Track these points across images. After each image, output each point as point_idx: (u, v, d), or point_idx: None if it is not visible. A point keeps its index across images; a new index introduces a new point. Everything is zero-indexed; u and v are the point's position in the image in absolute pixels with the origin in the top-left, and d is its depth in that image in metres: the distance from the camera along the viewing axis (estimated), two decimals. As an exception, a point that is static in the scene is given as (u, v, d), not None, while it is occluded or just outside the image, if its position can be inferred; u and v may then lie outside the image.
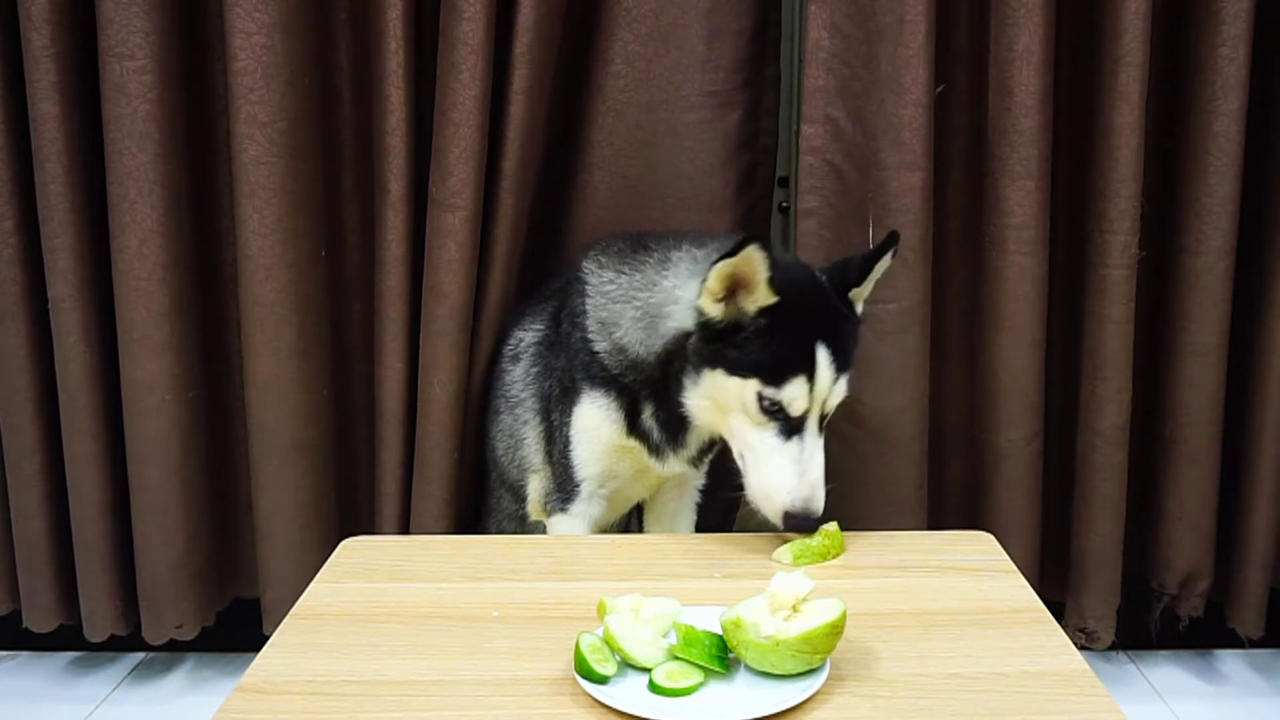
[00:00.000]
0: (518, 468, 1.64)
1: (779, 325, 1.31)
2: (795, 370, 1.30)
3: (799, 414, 1.31)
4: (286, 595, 1.64)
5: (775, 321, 1.31)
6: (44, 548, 1.83)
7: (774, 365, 1.30)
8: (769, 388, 1.30)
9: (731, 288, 1.30)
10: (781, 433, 1.32)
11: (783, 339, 1.31)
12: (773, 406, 1.31)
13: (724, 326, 1.32)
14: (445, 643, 1.12)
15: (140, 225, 1.65)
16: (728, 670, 1.04)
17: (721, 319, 1.32)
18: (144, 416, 1.72)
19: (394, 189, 1.66)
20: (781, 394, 1.30)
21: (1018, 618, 1.17)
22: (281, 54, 1.61)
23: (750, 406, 1.32)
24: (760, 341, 1.31)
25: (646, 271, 1.45)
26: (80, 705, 1.87)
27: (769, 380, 1.30)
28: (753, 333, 1.31)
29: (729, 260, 1.27)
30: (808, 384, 1.30)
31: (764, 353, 1.31)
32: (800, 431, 1.32)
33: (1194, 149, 1.72)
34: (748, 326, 1.31)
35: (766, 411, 1.31)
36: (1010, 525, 1.78)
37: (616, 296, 1.46)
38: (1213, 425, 1.80)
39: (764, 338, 1.31)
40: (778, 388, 1.30)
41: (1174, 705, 1.87)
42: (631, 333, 1.43)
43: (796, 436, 1.32)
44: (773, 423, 1.32)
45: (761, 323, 1.31)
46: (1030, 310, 1.73)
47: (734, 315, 1.32)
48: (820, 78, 1.69)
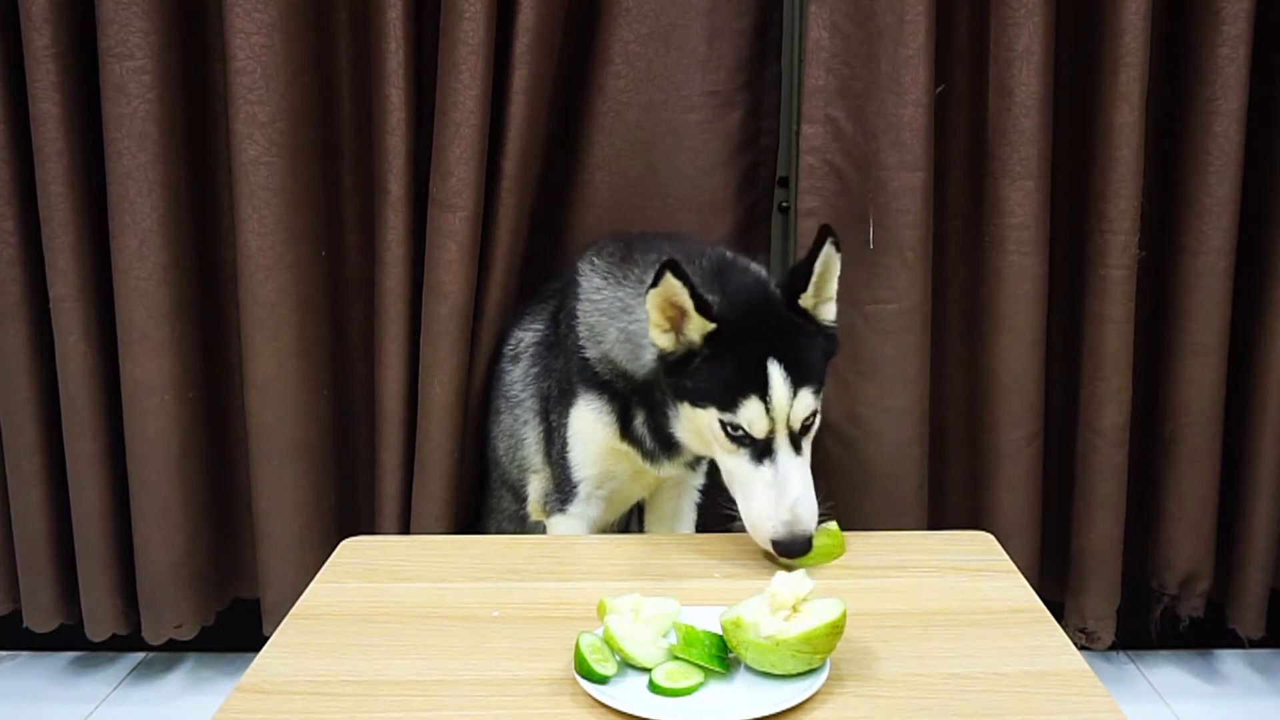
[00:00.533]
0: (518, 468, 1.64)
1: (724, 348, 1.29)
2: (746, 392, 1.27)
3: (763, 435, 1.28)
4: (286, 595, 1.64)
5: (719, 346, 1.29)
6: (44, 547, 1.83)
7: (725, 390, 1.28)
8: (726, 413, 1.28)
9: (676, 315, 1.29)
10: (753, 458, 1.29)
11: (729, 361, 1.28)
12: (736, 431, 1.28)
13: (678, 358, 1.31)
14: (445, 643, 1.12)
15: (140, 225, 1.65)
16: (728, 670, 1.04)
17: (673, 350, 1.31)
18: (144, 416, 1.72)
19: (394, 189, 1.66)
20: (739, 417, 1.27)
21: (1018, 618, 1.17)
22: (281, 54, 1.61)
23: (718, 435, 1.30)
24: (709, 368, 1.29)
25: (626, 292, 1.44)
26: (80, 705, 1.88)
27: (724, 406, 1.28)
28: (701, 361, 1.29)
29: (654, 290, 1.27)
30: (762, 403, 1.27)
31: (714, 379, 1.28)
32: (770, 454, 1.29)
33: (1194, 149, 1.71)
34: (697, 355, 1.29)
35: (733, 438, 1.29)
36: (1010, 525, 1.78)
37: (603, 309, 1.45)
38: (1213, 425, 1.80)
39: (711, 364, 1.29)
40: (733, 412, 1.27)
41: (1174, 705, 1.87)
42: (616, 350, 1.43)
43: (768, 459, 1.29)
44: (743, 449, 1.29)
45: (706, 351, 1.29)
46: (1030, 310, 1.73)
47: (686, 345, 1.30)
48: (820, 78, 1.69)
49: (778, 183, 1.88)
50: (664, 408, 1.38)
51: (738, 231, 1.80)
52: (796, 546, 1.26)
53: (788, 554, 1.27)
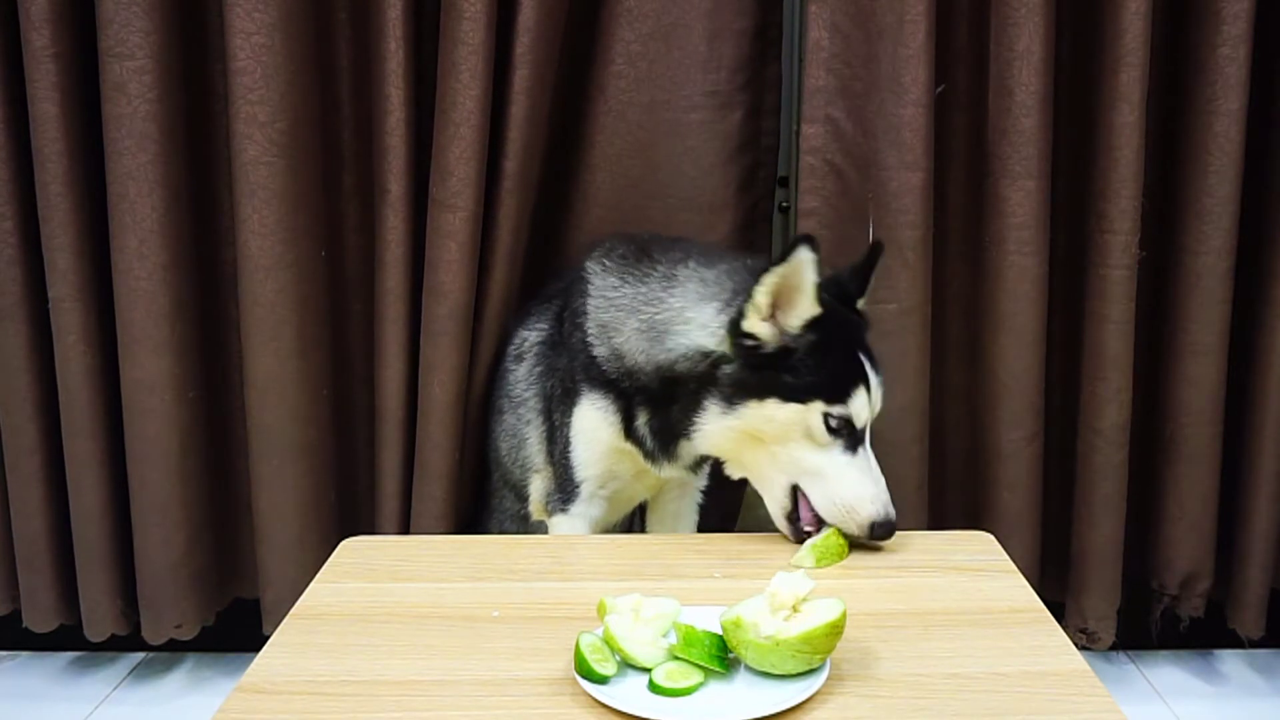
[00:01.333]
0: (520, 467, 1.64)
1: (829, 339, 1.29)
2: (856, 382, 1.30)
3: (862, 425, 1.31)
4: (286, 595, 1.64)
5: (823, 335, 1.29)
6: (44, 547, 1.83)
7: (836, 383, 1.28)
8: (835, 405, 1.28)
9: (773, 305, 1.28)
10: (848, 448, 1.31)
11: (836, 353, 1.30)
12: (839, 424, 1.29)
13: (772, 350, 1.29)
14: (445, 643, 1.12)
15: (140, 225, 1.65)
16: (728, 670, 1.04)
17: (770, 341, 1.29)
18: (144, 416, 1.72)
19: (394, 189, 1.66)
20: (850, 409, 1.29)
21: (1018, 618, 1.17)
22: (281, 54, 1.61)
23: (816, 430, 1.29)
24: (814, 360, 1.28)
25: (651, 285, 1.43)
26: (80, 705, 1.88)
27: (834, 398, 1.28)
28: (805, 352, 1.28)
29: (779, 270, 1.25)
30: (867, 394, 1.31)
31: (821, 371, 1.28)
32: (862, 443, 1.32)
33: (1194, 149, 1.71)
34: (798, 347, 1.28)
35: (833, 431, 1.29)
36: (1010, 525, 1.78)
37: (620, 304, 1.44)
38: (1213, 425, 1.80)
39: (817, 355, 1.28)
40: (844, 404, 1.28)
41: (1174, 705, 1.87)
42: (633, 341, 1.42)
43: (861, 448, 1.32)
44: (837, 440, 1.30)
45: (811, 339, 1.28)
46: (1030, 310, 1.73)
47: (779, 335, 1.29)
48: (820, 78, 1.69)
49: (778, 183, 1.88)
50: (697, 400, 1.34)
51: (738, 231, 1.80)
52: (889, 528, 1.30)
53: (882, 536, 1.31)
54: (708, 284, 1.39)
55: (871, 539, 1.31)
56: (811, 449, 1.31)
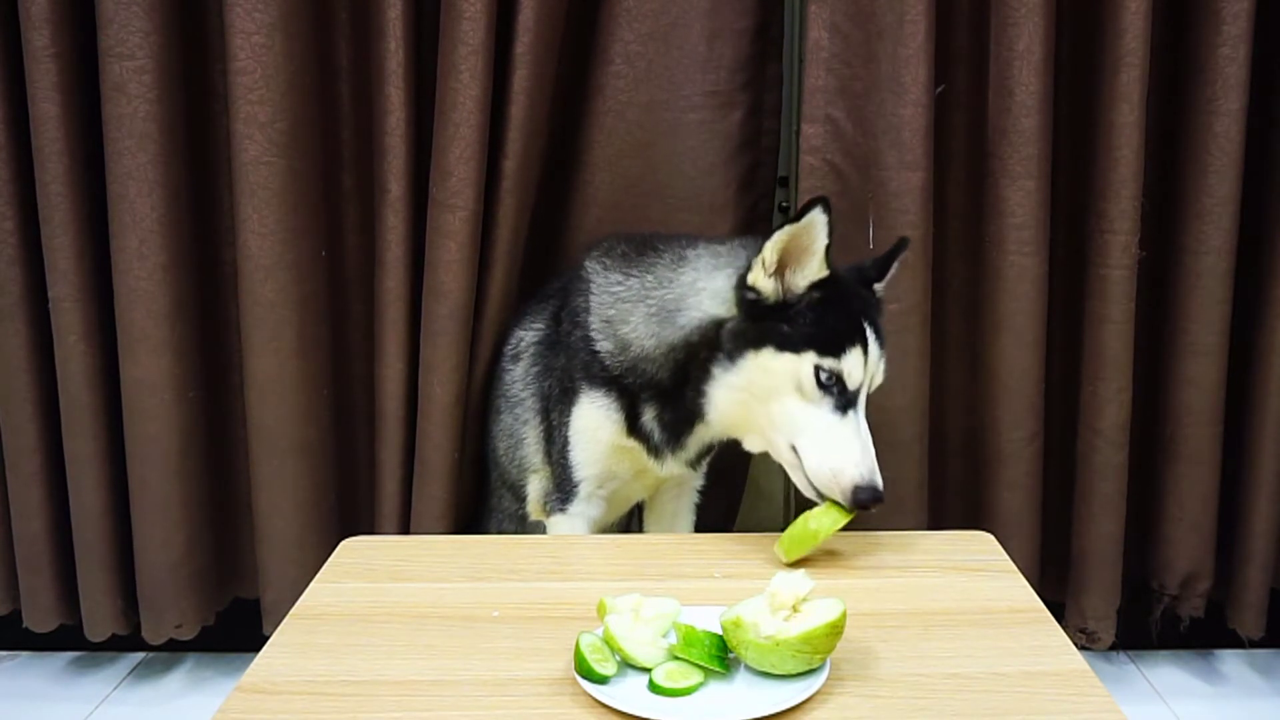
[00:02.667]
0: (518, 467, 1.64)
1: (832, 298, 1.31)
2: (853, 340, 1.30)
3: (855, 386, 1.31)
4: (286, 595, 1.64)
5: (828, 295, 1.31)
6: (44, 547, 1.83)
7: (831, 336, 1.30)
8: (827, 358, 1.29)
9: (783, 264, 1.31)
10: (838, 408, 1.30)
11: (837, 311, 1.31)
12: (829, 379, 1.29)
13: (773, 304, 1.32)
14: (445, 643, 1.12)
15: (140, 225, 1.65)
16: (728, 670, 1.04)
17: (771, 296, 1.32)
18: (144, 416, 1.72)
19: (394, 189, 1.66)
20: (841, 364, 1.29)
21: (1018, 618, 1.17)
22: (281, 54, 1.61)
23: (806, 382, 1.30)
24: (814, 314, 1.31)
25: (659, 271, 1.44)
26: (80, 705, 1.88)
27: (827, 351, 1.29)
28: (805, 306, 1.31)
29: (789, 228, 1.28)
30: (863, 355, 1.31)
31: (819, 325, 1.30)
32: (854, 406, 1.32)
33: (1194, 149, 1.71)
34: (799, 301, 1.31)
35: (823, 386, 1.30)
36: (1010, 525, 1.78)
37: (625, 297, 1.45)
38: (1213, 425, 1.80)
39: (817, 310, 1.31)
40: (837, 358, 1.29)
41: (1174, 705, 1.87)
42: (641, 328, 1.42)
43: (852, 411, 1.31)
44: (827, 398, 1.30)
45: (815, 295, 1.31)
46: (1031, 310, 1.73)
47: (784, 291, 1.32)
48: (820, 77, 1.69)
49: (778, 182, 1.88)
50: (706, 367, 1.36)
51: (738, 231, 1.80)
52: (875, 495, 1.29)
53: (865, 503, 1.28)
54: (720, 255, 1.42)
55: (855, 505, 1.29)
56: (802, 404, 1.31)
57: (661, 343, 1.41)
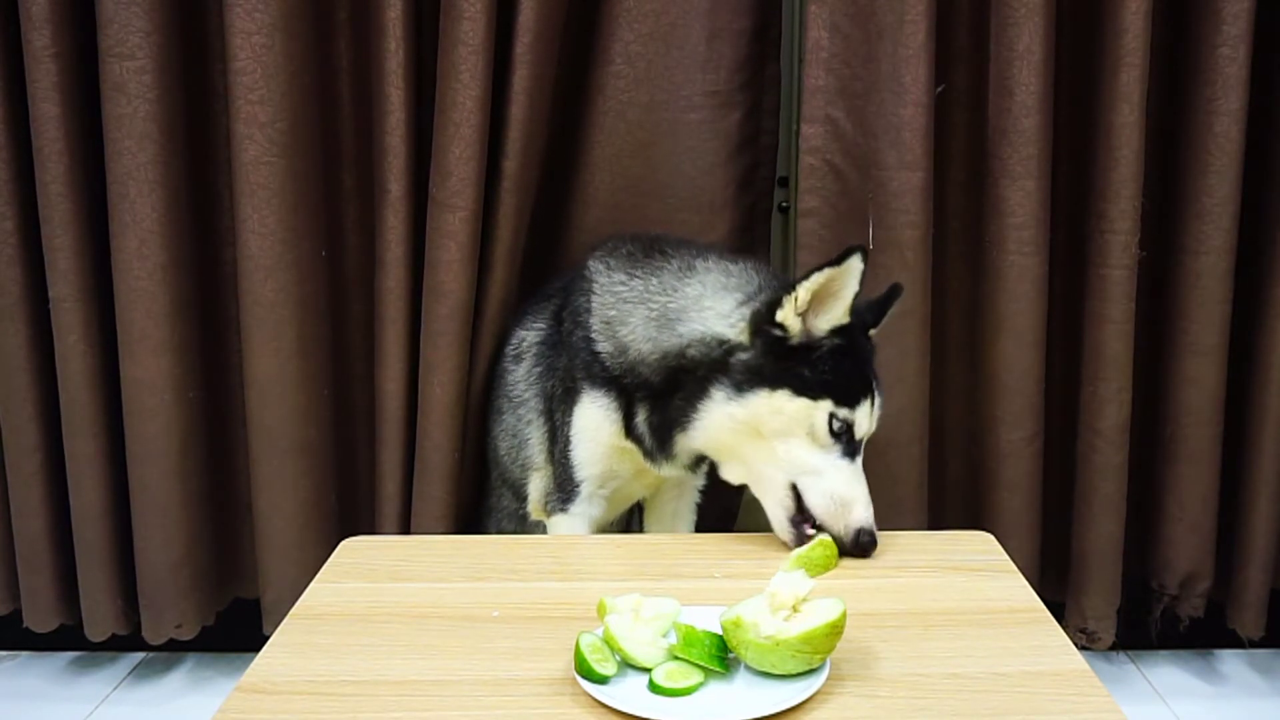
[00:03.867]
0: (520, 467, 1.64)
1: (849, 348, 1.33)
2: (866, 391, 1.33)
3: (861, 435, 1.34)
4: (286, 595, 1.65)
5: (846, 344, 1.32)
6: (44, 547, 1.83)
7: (847, 387, 1.31)
8: (843, 408, 1.31)
9: (811, 304, 1.31)
10: (846, 454, 1.33)
11: (853, 361, 1.33)
12: (841, 429, 1.31)
13: (794, 345, 1.31)
14: (445, 643, 1.12)
15: (140, 225, 1.65)
16: (728, 670, 1.04)
17: (796, 336, 1.31)
18: (144, 416, 1.72)
19: (394, 189, 1.66)
20: (855, 415, 1.32)
21: (1018, 618, 1.17)
22: (281, 54, 1.61)
23: (820, 428, 1.31)
24: (833, 362, 1.31)
25: (665, 276, 1.44)
26: (80, 705, 1.88)
27: (843, 401, 1.31)
28: (827, 352, 1.31)
29: (829, 269, 1.27)
30: (870, 407, 1.34)
31: (836, 374, 1.31)
32: (857, 454, 1.34)
33: (1194, 149, 1.71)
34: (821, 346, 1.31)
35: (834, 433, 1.31)
36: (1010, 525, 1.78)
37: (627, 298, 1.45)
38: (1213, 425, 1.80)
39: (836, 359, 1.31)
40: (851, 409, 1.31)
41: (1174, 705, 1.87)
42: (640, 331, 1.42)
43: (857, 459, 1.34)
44: (837, 445, 1.32)
45: (836, 343, 1.31)
46: (1031, 310, 1.73)
47: (805, 334, 1.32)
48: (820, 78, 1.69)
49: (778, 182, 1.88)
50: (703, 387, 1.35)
51: (737, 231, 1.80)
52: (873, 540, 1.31)
53: (866, 546, 1.31)
54: (731, 276, 1.42)
55: (855, 546, 1.31)
56: (812, 448, 1.32)
57: (657, 348, 1.41)
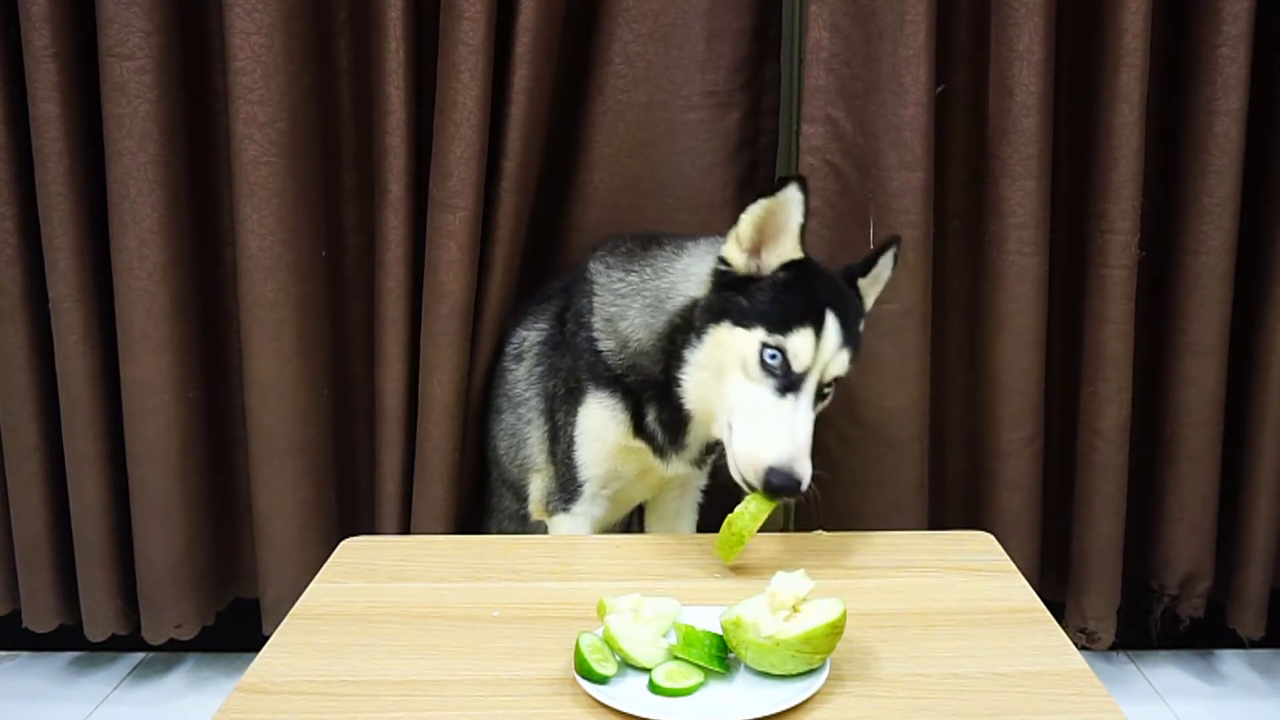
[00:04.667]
0: (520, 467, 1.64)
1: (796, 280, 1.30)
2: (804, 321, 1.27)
3: (801, 369, 1.27)
4: (286, 595, 1.64)
5: (794, 276, 1.30)
6: (44, 547, 1.83)
7: (783, 314, 1.28)
8: (774, 335, 1.27)
9: (759, 240, 1.30)
10: (778, 390, 1.27)
11: (797, 292, 1.30)
12: (774, 358, 1.27)
13: (740, 277, 1.31)
14: (445, 643, 1.12)
15: (140, 225, 1.65)
16: (728, 670, 1.04)
17: (741, 270, 1.31)
18: (144, 416, 1.72)
19: (394, 189, 1.66)
20: (787, 341, 1.27)
21: (1018, 618, 1.17)
22: (281, 54, 1.61)
23: (750, 360, 1.28)
24: (774, 292, 1.30)
25: (658, 262, 1.45)
26: (80, 705, 1.87)
27: (775, 328, 1.27)
28: (768, 284, 1.31)
29: (765, 200, 1.27)
30: (814, 338, 1.27)
31: (775, 303, 1.29)
32: (797, 391, 1.27)
33: (1194, 149, 1.72)
34: (765, 279, 1.31)
35: (766, 366, 1.27)
36: (1010, 525, 1.78)
37: (624, 293, 1.46)
38: (1213, 425, 1.80)
39: (778, 289, 1.30)
40: (784, 335, 1.27)
41: (1174, 705, 1.87)
42: (637, 320, 1.43)
43: (792, 394, 1.27)
44: (770, 378, 1.27)
45: (780, 275, 1.30)
46: (1031, 310, 1.73)
47: (754, 268, 1.32)
48: (821, 78, 1.69)
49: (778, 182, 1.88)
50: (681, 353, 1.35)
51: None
52: (790, 484, 1.23)
53: (777, 491, 1.24)
54: (717, 244, 1.40)
55: (766, 490, 1.24)
56: (745, 381, 1.28)
57: (652, 333, 1.41)
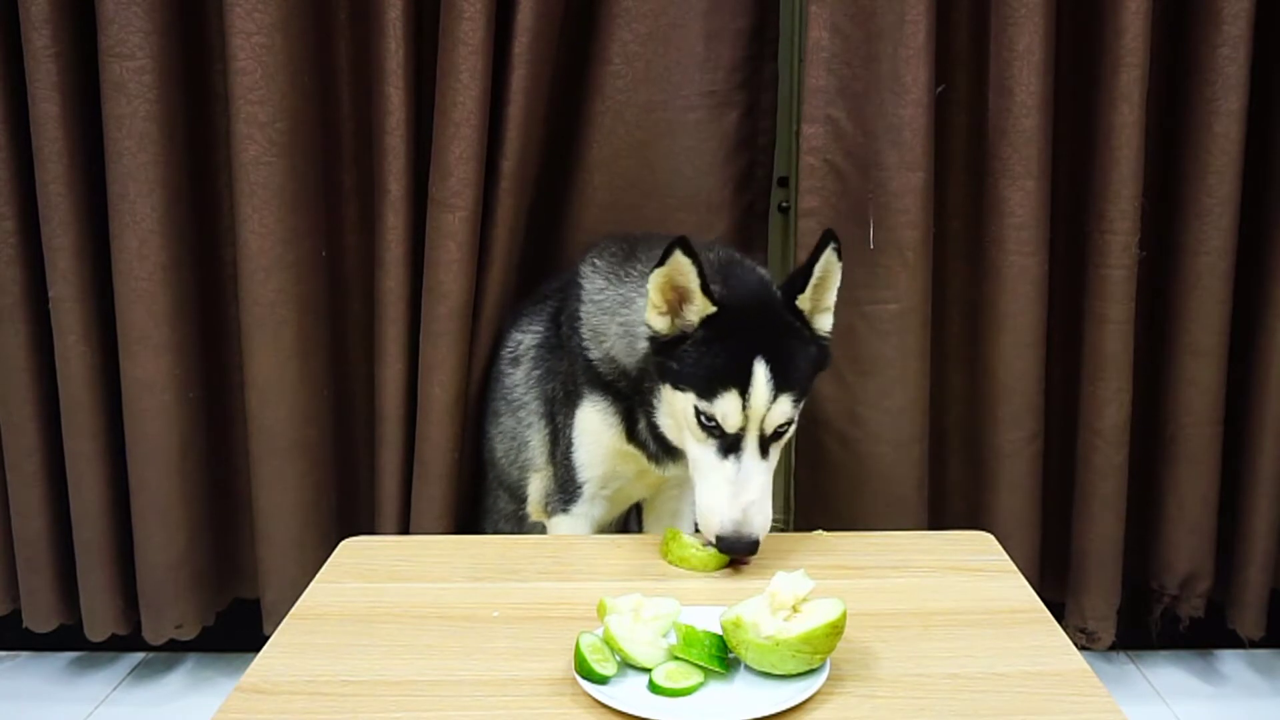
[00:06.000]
0: (519, 469, 1.64)
1: (717, 336, 1.28)
2: (727, 384, 1.26)
3: (733, 430, 1.28)
4: (286, 595, 1.64)
5: (713, 332, 1.28)
6: (44, 547, 1.83)
7: (708, 377, 1.27)
8: (703, 401, 1.27)
9: (676, 298, 1.29)
10: (720, 451, 1.29)
11: (719, 350, 1.28)
12: (709, 422, 1.28)
13: (670, 339, 1.31)
14: (445, 643, 1.12)
15: (140, 225, 1.65)
16: (728, 670, 1.04)
17: (667, 332, 1.31)
18: (144, 416, 1.72)
19: (394, 189, 1.66)
20: (714, 408, 1.27)
21: (1018, 618, 1.17)
22: (281, 54, 1.61)
23: (691, 422, 1.29)
24: (697, 353, 1.28)
25: (628, 287, 1.44)
26: (80, 705, 1.88)
27: (703, 393, 1.27)
28: (692, 344, 1.29)
29: (659, 270, 1.27)
30: (740, 399, 1.26)
31: (699, 365, 1.28)
32: (737, 450, 1.28)
33: (1194, 149, 1.72)
34: (690, 337, 1.29)
35: (704, 427, 1.29)
36: (1010, 525, 1.78)
37: (605, 308, 1.45)
38: (1213, 425, 1.80)
39: (701, 349, 1.28)
40: (710, 402, 1.27)
41: (1174, 705, 1.87)
42: (617, 346, 1.43)
43: (734, 455, 1.28)
44: (712, 439, 1.29)
45: (700, 334, 1.29)
46: (1031, 310, 1.73)
47: (681, 327, 1.30)
48: (821, 78, 1.69)
49: (778, 182, 1.88)
50: (649, 397, 1.38)
51: (735, 231, 1.80)
52: (741, 546, 1.26)
53: (730, 552, 1.27)
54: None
55: (724, 552, 1.27)
56: (695, 441, 1.31)
57: (630, 359, 1.42)
